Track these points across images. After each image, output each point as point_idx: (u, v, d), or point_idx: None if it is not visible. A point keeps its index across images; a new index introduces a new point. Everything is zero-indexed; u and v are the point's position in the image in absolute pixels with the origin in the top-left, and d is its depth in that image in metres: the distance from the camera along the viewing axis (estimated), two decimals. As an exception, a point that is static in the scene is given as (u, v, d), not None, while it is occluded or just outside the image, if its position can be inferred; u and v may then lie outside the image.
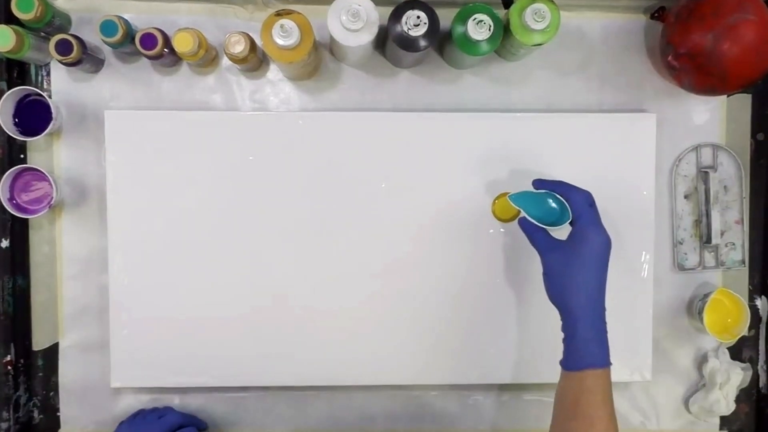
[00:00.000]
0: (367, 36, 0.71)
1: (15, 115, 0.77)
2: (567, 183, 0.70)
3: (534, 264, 0.80)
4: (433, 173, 0.80)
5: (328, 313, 0.80)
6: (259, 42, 0.77)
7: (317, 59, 0.80)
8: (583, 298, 0.64)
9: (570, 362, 0.65)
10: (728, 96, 0.85)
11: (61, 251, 0.81)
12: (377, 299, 0.80)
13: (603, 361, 0.64)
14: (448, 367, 0.81)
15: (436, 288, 0.80)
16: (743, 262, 0.86)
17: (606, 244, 0.66)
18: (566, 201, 0.69)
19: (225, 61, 0.81)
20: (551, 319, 0.81)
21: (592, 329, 0.64)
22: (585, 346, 0.64)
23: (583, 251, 0.65)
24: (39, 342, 0.82)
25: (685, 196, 0.85)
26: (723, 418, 0.87)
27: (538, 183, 0.72)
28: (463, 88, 0.83)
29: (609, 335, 0.80)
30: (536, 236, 0.70)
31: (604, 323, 0.66)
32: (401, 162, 0.80)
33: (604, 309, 0.66)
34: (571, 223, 0.68)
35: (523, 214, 0.70)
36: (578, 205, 0.68)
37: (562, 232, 0.69)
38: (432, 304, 0.80)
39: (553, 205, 0.69)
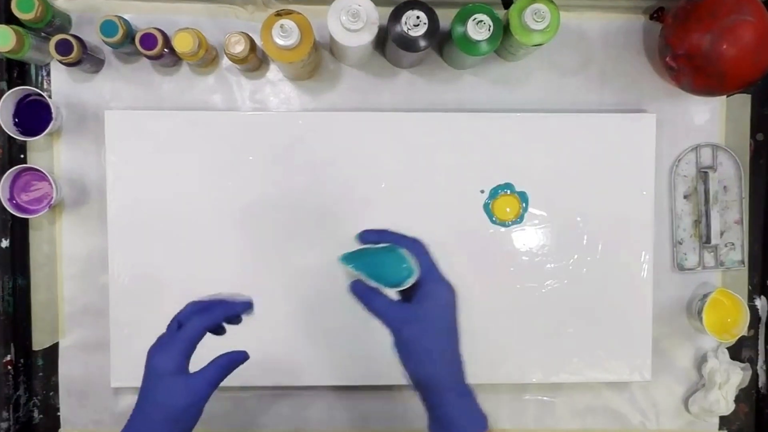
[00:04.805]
0: (367, 36, 0.71)
1: (15, 115, 0.77)
2: (395, 232, 0.60)
3: (534, 264, 0.81)
4: (432, 173, 0.80)
5: (328, 313, 0.80)
6: (259, 42, 0.77)
7: (317, 59, 0.80)
8: (446, 366, 0.57)
9: (468, 427, 0.57)
10: (727, 96, 0.85)
11: (61, 251, 0.81)
12: (377, 299, 0.80)
13: (483, 423, 0.58)
14: (448, 367, 0.81)
15: (436, 288, 0.80)
16: (743, 262, 0.86)
17: (453, 294, 0.59)
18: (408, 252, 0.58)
19: (225, 61, 0.81)
20: (552, 319, 0.81)
21: (462, 397, 0.58)
22: (460, 418, 0.57)
23: (436, 313, 0.57)
24: (39, 342, 0.82)
25: (685, 196, 0.85)
26: (722, 418, 0.87)
27: (366, 235, 0.61)
28: (463, 88, 0.83)
29: (609, 335, 0.81)
30: (377, 303, 0.58)
31: (468, 384, 0.59)
32: (401, 162, 0.80)
33: (463, 364, 0.59)
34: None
35: (357, 275, 0.58)
36: (420, 256, 0.59)
37: (395, 291, 0.59)
38: (432, 304, 0.80)
39: (397, 260, 0.57)
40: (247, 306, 0.62)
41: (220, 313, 0.60)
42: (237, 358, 0.60)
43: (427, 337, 0.57)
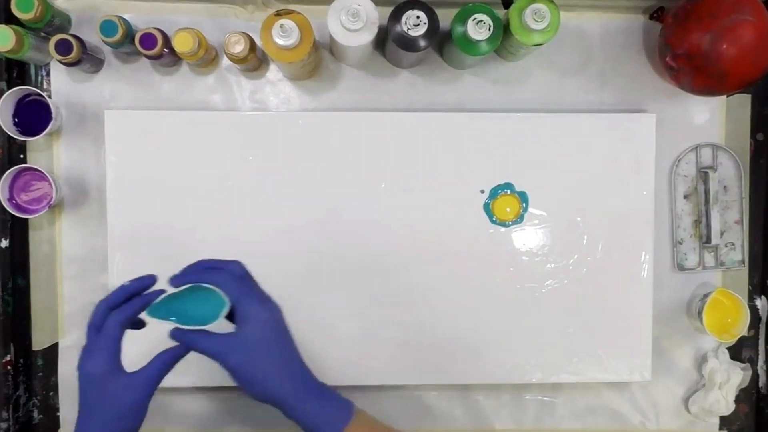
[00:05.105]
0: (367, 36, 0.71)
1: (15, 115, 0.77)
2: (210, 260, 0.61)
3: (534, 264, 0.81)
4: (432, 173, 0.80)
5: (328, 313, 0.80)
6: (259, 42, 0.77)
7: (317, 59, 0.80)
8: (283, 380, 0.58)
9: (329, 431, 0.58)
10: (728, 96, 0.85)
11: (61, 251, 0.81)
12: (377, 299, 0.80)
13: (346, 414, 0.59)
14: (448, 367, 0.81)
15: (435, 288, 0.80)
16: (743, 262, 0.86)
17: (274, 311, 0.60)
18: (215, 285, 0.59)
19: (225, 61, 0.81)
20: (552, 319, 0.81)
21: (315, 400, 0.59)
22: (320, 420, 0.59)
23: (257, 335, 0.58)
24: (39, 342, 0.82)
25: (685, 196, 0.85)
26: (723, 418, 0.87)
27: (177, 280, 0.60)
28: (463, 88, 0.83)
29: (609, 335, 0.82)
30: (198, 343, 0.58)
31: (316, 381, 0.60)
32: (401, 162, 0.80)
33: (306, 369, 0.61)
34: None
35: (173, 325, 0.58)
36: (228, 284, 0.59)
37: (221, 322, 0.59)
38: (432, 304, 0.80)
39: (203, 297, 0.58)
40: (157, 293, 0.60)
41: (133, 307, 0.60)
42: (178, 353, 0.60)
43: (254, 361, 0.58)
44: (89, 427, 0.58)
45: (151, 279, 0.61)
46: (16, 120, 0.77)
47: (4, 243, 0.79)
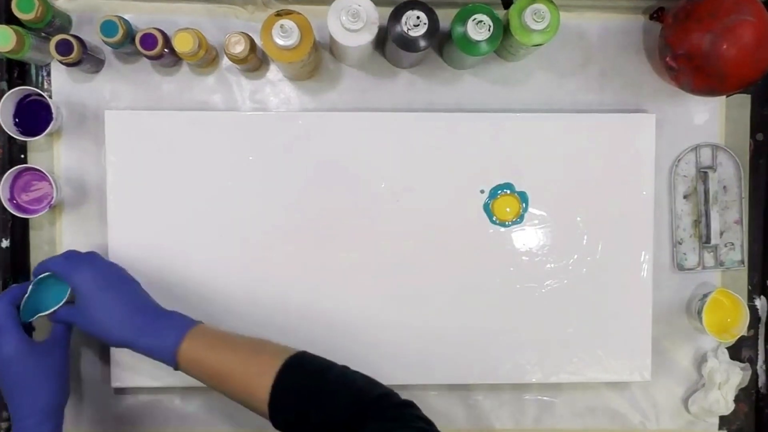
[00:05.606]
0: (367, 36, 0.71)
1: (15, 115, 0.77)
2: (39, 264, 0.70)
3: (534, 264, 0.81)
4: (432, 173, 0.80)
5: (328, 313, 0.80)
6: (259, 42, 0.77)
7: (317, 59, 0.80)
8: (127, 325, 0.66)
9: (168, 357, 0.66)
10: (727, 96, 0.85)
11: (61, 251, 0.81)
12: (377, 299, 0.80)
13: (179, 333, 0.66)
14: (448, 367, 0.81)
15: (435, 288, 0.80)
16: (742, 262, 0.86)
17: (100, 270, 0.69)
18: (51, 273, 0.69)
19: (225, 61, 0.81)
20: (552, 319, 0.81)
21: (153, 333, 0.66)
22: (159, 345, 0.66)
23: (90, 296, 0.67)
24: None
25: (685, 197, 0.85)
26: (722, 418, 0.87)
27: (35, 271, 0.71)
28: (463, 88, 0.83)
29: (609, 335, 0.82)
30: (63, 317, 0.70)
31: (156, 313, 0.68)
32: (401, 162, 0.80)
33: (146, 305, 0.68)
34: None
35: (45, 315, 0.70)
36: (55, 267, 0.69)
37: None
38: (432, 304, 0.80)
39: (44, 286, 0.70)
40: (24, 287, 0.70)
41: (14, 290, 0.69)
42: (62, 326, 0.70)
43: (95, 319, 0.67)
44: (21, 407, 0.66)
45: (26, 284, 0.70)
46: (17, 120, 0.77)
47: (5, 243, 0.79)
